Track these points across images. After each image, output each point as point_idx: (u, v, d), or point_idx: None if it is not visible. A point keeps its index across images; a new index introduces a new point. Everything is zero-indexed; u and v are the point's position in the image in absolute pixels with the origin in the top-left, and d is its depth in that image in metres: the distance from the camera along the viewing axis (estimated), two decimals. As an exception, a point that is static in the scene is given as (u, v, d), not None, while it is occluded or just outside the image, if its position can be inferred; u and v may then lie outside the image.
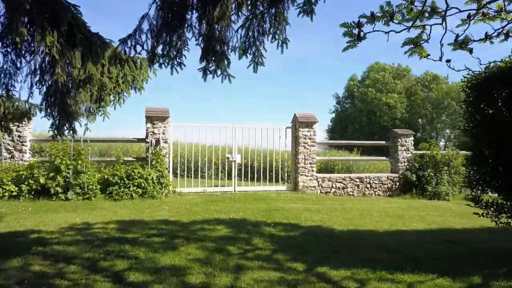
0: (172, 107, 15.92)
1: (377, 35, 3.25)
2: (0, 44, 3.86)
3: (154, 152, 8.68)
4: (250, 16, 3.67)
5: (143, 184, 8.05)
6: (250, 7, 3.68)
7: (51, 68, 4.15)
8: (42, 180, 7.53)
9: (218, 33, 3.53)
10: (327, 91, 71.04)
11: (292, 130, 10.29)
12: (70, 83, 4.30)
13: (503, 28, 3.75)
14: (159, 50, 3.34)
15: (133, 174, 8.07)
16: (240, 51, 3.80)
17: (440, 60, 3.67)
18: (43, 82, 4.25)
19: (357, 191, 10.38)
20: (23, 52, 4.05)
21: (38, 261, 3.72)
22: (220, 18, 3.45)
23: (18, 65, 4.10)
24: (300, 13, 3.71)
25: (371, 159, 13.47)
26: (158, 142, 8.80)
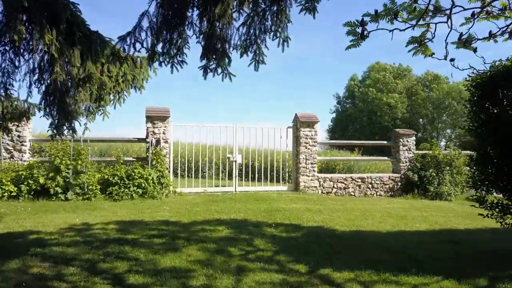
0: (173, 106, 15.90)
1: (378, 35, 3.22)
2: (-2, 42, 3.81)
3: (154, 152, 8.63)
4: (251, 14, 3.62)
5: (143, 184, 8.00)
6: (251, 4, 3.62)
7: (50, 67, 4.09)
8: (42, 180, 7.48)
9: (219, 31, 3.48)
10: (327, 91, 71.02)
11: (293, 130, 10.23)
12: (69, 82, 4.25)
13: (507, 26, 3.70)
14: (159, 48, 3.29)
15: (133, 174, 8.02)
16: (241, 49, 3.74)
17: (445, 59, 3.62)
18: (42, 81, 4.19)
19: (358, 191, 10.32)
20: (21, 50, 4.00)
21: (36, 262, 3.66)
22: (221, 15, 3.39)
23: (17, 63, 4.05)
24: (302, 10, 3.65)
25: (372, 159, 13.41)
26: (158, 142, 8.75)
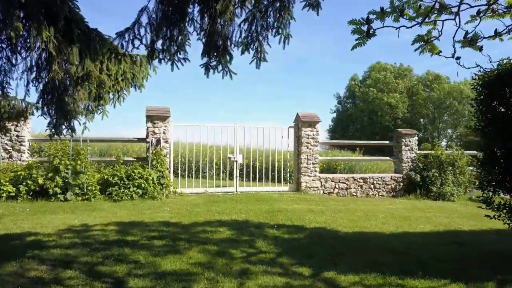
0: (173, 106, 15.84)
1: (380, 34, 3.13)
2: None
3: (154, 152, 8.54)
4: (253, 10, 3.53)
5: (143, 185, 7.91)
6: (254, 1, 3.53)
7: (48, 65, 4.01)
8: (41, 180, 7.39)
9: (220, 27, 3.39)
10: (328, 91, 70.89)
11: (295, 130, 10.13)
12: (68, 80, 4.16)
13: (513, 24, 3.62)
14: (158, 45, 3.20)
15: (133, 174, 7.93)
16: (242, 46, 3.65)
17: (452, 57, 3.56)
18: (39, 79, 4.10)
19: (360, 191, 10.22)
20: (18, 48, 3.91)
21: (34, 265, 3.57)
22: (223, 12, 3.31)
23: (14, 61, 3.96)
24: (306, 7, 3.56)
25: (374, 159, 13.31)
26: (158, 141, 8.66)
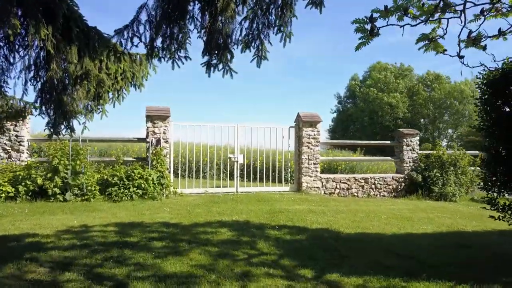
0: (173, 106, 15.74)
1: (382, 34, 3.09)
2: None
3: (154, 152, 8.47)
4: (255, 8, 3.47)
5: (143, 185, 7.85)
6: (255, -2, 3.48)
7: (46, 64, 3.95)
8: (40, 180, 7.33)
9: (221, 25, 3.33)
10: (328, 91, 70.79)
11: (296, 130, 10.07)
12: (66, 79, 4.10)
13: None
14: (158, 43, 3.14)
15: (133, 174, 7.87)
16: (243, 45, 3.60)
17: (457, 55, 3.50)
18: (38, 78, 4.05)
19: (361, 192, 10.16)
20: (16, 46, 3.86)
21: (31, 268, 3.50)
22: (224, 9, 3.25)
23: (11, 60, 3.91)
24: (308, 4, 3.50)
25: (375, 159, 13.24)
26: (158, 141, 8.60)
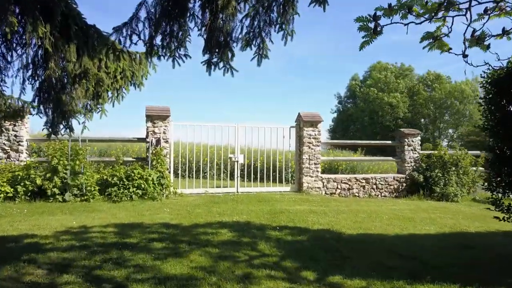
0: (173, 106, 15.65)
1: (384, 33, 3.04)
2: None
3: (154, 152, 8.42)
4: (256, 5, 3.41)
5: (143, 185, 7.79)
6: (257, -5, 3.42)
7: (44, 62, 3.89)
8: (39, 181, 7.28)
9: (222, 23, 3.27)
10: (329, 91, 70.74)
11: (296, 130, 10.01)
12: (65, 78, 4.04)
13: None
14: (157, 41, 3.07)
15: (132, 174, 7.81)
16: (244, 42, 3.53)
17: (462, 54, 3.45)
18: (36, 77, 3.99)
19: (362, 192, 10.10)
20: (14, 44, 3.80)
21: (29, 269, 3.45)
22: (225, 6, 3.19)
23: (9, 58, 3.85)
24: (312, 2, 3.43)
25: (376, 159, 13.17)
26: (158, 141, 8.54)
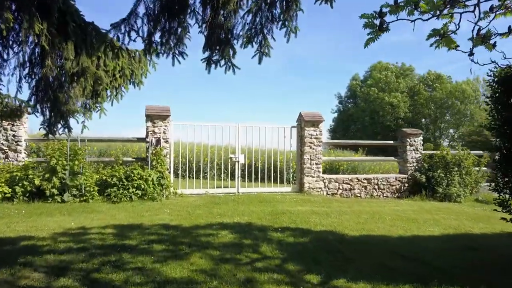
0: (174, 105, 15.54)
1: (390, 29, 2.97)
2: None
3: (154, 152, 8.33)
4: (259, 1, 3.32)
5: (143, 186, 7.70)
6: (259, -9, 3.33)
7: (42, 60, 3.81)
8: (37, 181, 7.18)
9: (223, 19, 3.18)
10: (329, 91, 70.67)
11: (298, 130, 9.91)
12: (63, 76, 3.95)
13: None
14: (156, 38, 2.98)
15: (132, 175, 7.72)
16: (245, 39, 3.44)
17: (470, 52, 3.37)
18: (33, 75, 3.90)
19: (364, 192, 10.01)
20: (10, 42, 3.71)
21: (25, 273, 3.36)
22: (226, 2, 3.10)
23: (5, 56, 3.77)
24: (318, 0, 3.34)
25: (378, 159, 13.08)
26: (158, 141, 8.45)
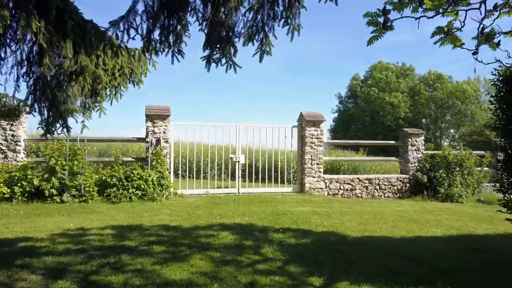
0: (174, 105, 15.42)
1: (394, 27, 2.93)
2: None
3: (154, 152, 8.27)
4: (261, -2, 3.26)
5: (143, 186, 7.64)
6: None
7: (40, 59, 3.75)
8: (36, 181, 7.13)
9: (224, 16, 3.12)
10: (329, 91, 70.61)
11: (298, 129, 9.85)
12: (61, 75, 3.89)
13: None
14: (156, 35, 2.92)
15: (132, 175, 7.66)
16: (246, 37, 3.38)
17: (475, 50, 3.31)
18: (30, 74, 3.84)
19: (365, 192, 9.95)
20: (7, 40, 3.65)
21: (22, 275, 3.30)
22: None
23: (3, 55, 3.69)
24: (322, -3, 3.28)
25: (379, 160, 13.01)
26: (158, 141, 8.40)
